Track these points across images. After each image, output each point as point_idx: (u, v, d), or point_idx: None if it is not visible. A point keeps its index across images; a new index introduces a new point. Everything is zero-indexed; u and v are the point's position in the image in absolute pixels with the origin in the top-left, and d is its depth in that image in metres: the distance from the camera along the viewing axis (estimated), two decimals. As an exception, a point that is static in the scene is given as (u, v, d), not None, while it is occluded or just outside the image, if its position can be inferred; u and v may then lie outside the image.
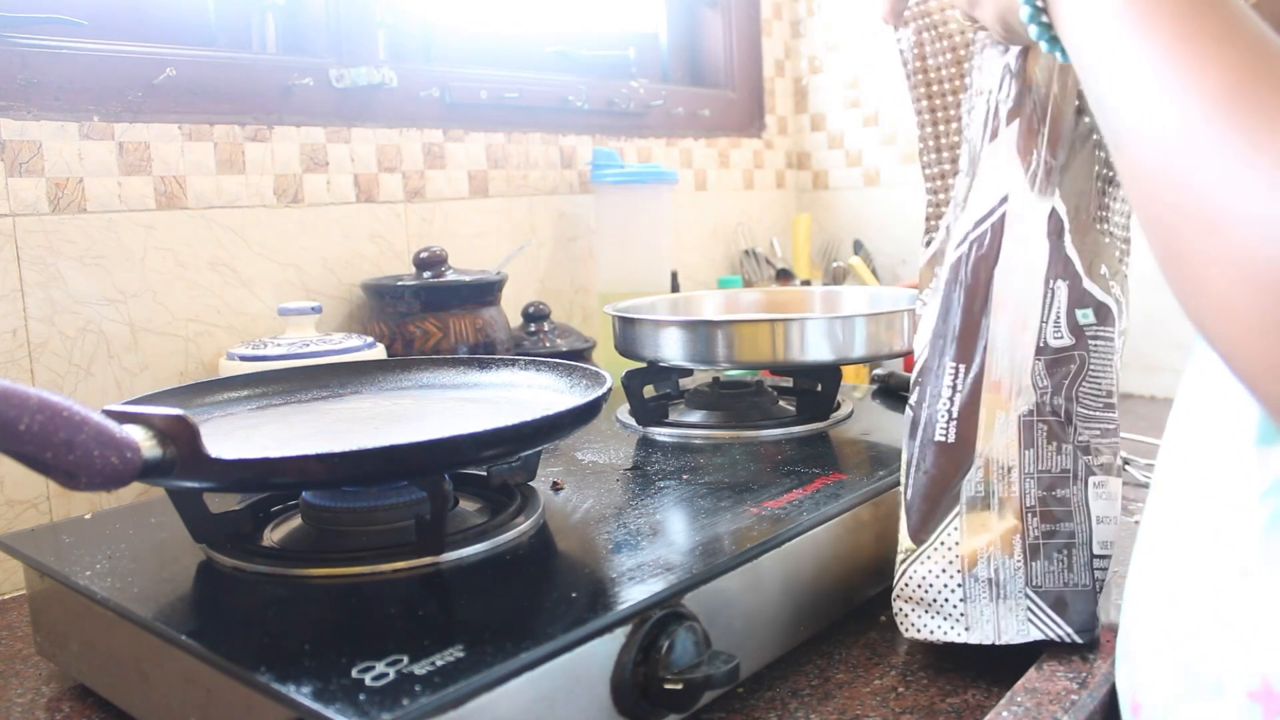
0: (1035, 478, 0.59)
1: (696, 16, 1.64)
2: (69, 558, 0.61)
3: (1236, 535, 0.42)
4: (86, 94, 0.89)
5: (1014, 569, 0.58)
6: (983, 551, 0.59)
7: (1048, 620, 0.58)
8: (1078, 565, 0.59)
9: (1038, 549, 0.59)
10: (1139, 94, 0.39)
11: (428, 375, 0.80)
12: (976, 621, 0.59)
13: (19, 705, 0.61)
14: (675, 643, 0.51)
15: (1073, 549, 0.59)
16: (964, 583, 0.59)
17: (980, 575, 0.59)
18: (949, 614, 0.59)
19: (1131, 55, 0.39)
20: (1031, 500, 0.59)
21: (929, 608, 0.60)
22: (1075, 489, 0.59)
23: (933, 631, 0.60)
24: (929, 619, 0.60)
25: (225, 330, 0.97)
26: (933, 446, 0.61)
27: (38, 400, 0.42)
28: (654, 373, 0.93)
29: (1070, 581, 0.58)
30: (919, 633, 0.60)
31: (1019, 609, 0.58)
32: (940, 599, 0.60)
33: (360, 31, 1.10)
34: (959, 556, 0.59)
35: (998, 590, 0.58)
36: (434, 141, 1.16)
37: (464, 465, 0.66)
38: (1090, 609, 0.58)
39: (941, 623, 0.60)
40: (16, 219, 0.84)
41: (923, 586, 0.60)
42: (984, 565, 0.59)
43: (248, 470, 0.52)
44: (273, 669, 0.45)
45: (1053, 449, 0.59)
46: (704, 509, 0.65)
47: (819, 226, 1.72)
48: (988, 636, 0.59)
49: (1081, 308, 0.59)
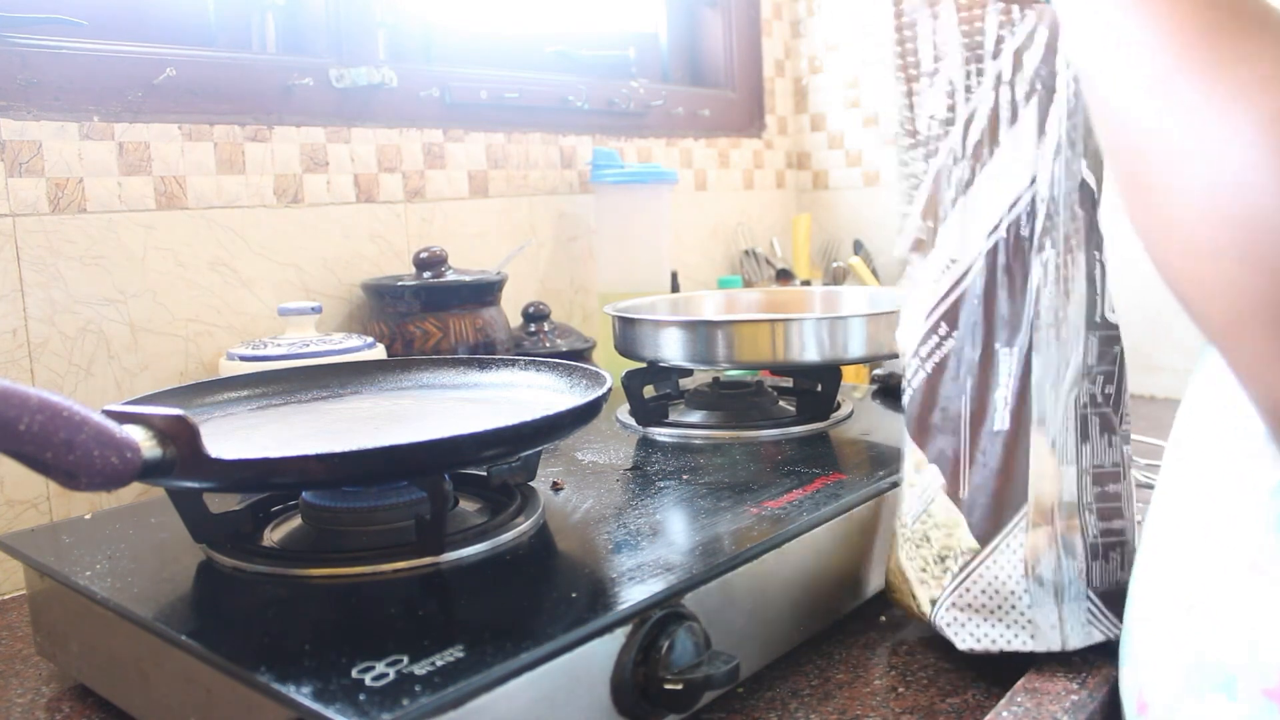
0: (1090, 473, 0.57)
1: (696, 16, 1.64)
2: (69, 558, 0.61)
3: (1247, 532, 0.42)
4: (86, 94, 0.89)
5: (1077, 570, 0.56)
6: (1045, 552, 0.56)
7: (1106, 621, 0.56)
8: (1129, 563, 0.57)
9: (1098, 548, 0.56)
10: (1111, 31, 0.39)
11: (428, 375, 0.80)
12: (1041, 628, 0.56)
13: (19, 705, 0.61)
14: (675, 643, 0.51)
15: (1124, 546, 0.57)
16: (1030, 588, 0.56)
17: (1045, 578, 0.55)
18: (1014, 620, 0.56)
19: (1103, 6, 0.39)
20: (1089, 497, 0.57)
21: (992, 614, 0.57)
22: (1124, 484, 0.58)
23: (994, 640, 0.57)
24: (990, 627, 0.57)
25: (225, 330, 0.97)
26: (994, 438, 0.57)
27: (38, 400, 0.42)
28: (654, 373, 0.93)
29: (1123, 580, 0.57)
30: (978, 643, 0.57)
31: (1080, 611, 0.56)
32: (1007, 605, 0.56)
33: (360, 31, 1.10)
34: (1024, 559, 0.56)
35: (1060, 594, 0.56)
36: (434, 141, 1.16)
37: (464, 465, 0.66)
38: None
39: (1004, 631, 0.57)
40: (16, 219, 0.84)
41: (987, 592, 0.57)
42: (1046, 567, 0.56)
43: (248, 470, 0.52)
44: (273, 669, 0.45)
45: (1105, 442, 0.57)
46: (704, 509, 0.65)
47: (819, 226, 1.72)
48: (1054, 644, 0.56)
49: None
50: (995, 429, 0.57)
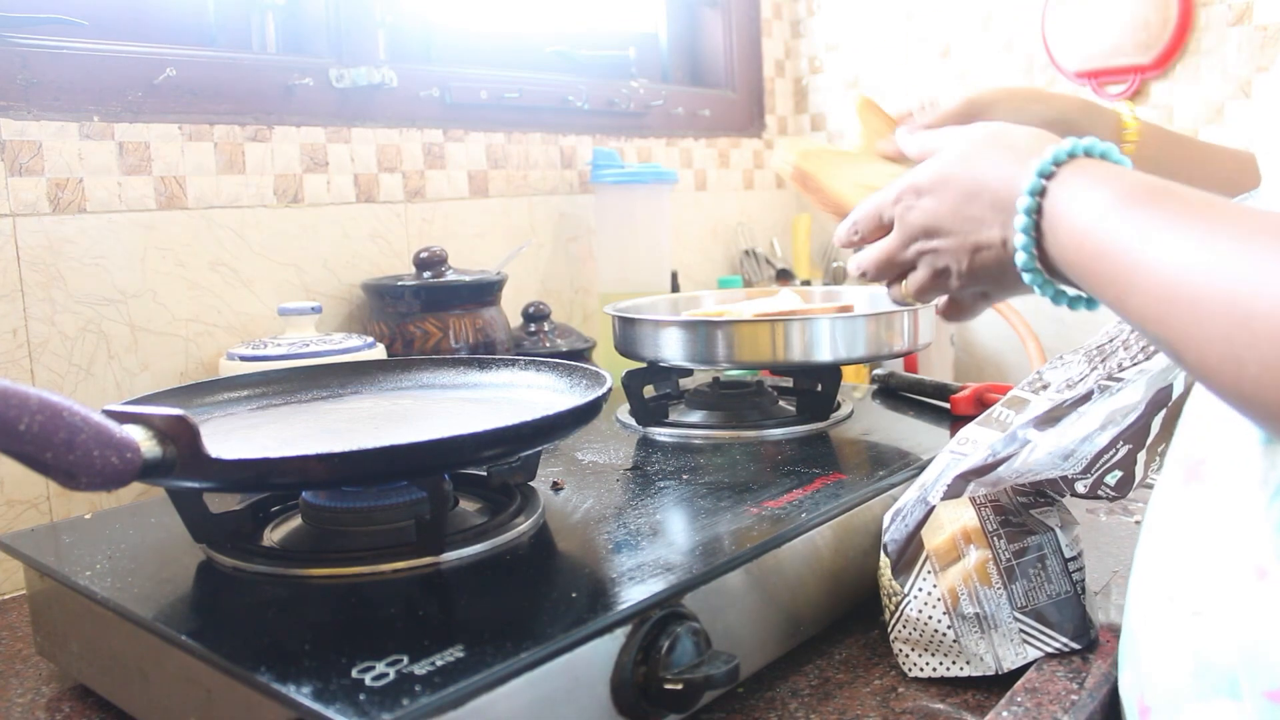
0: (989, 506, 0.59)
1: (696, 16, 1.64)
2: (69, 558, 0.61)
3: (1249, 537, 0.42)
4: (86, 94, 0.89)
5: (997, 598, 0.58)
6: (961, 588, 0.59)
7: (1042, 636, 0.58)
8: (1054, 574, 0.59)
9: (1013, 570, 0.59)
10: (1160, 249, 0.42)
11: (428, 375, 0.80)
12: (974, 656, 0.59)
13: (19, 705, 0.61)
14: (675, 643, 0.51)
15: (1045, 560, 0.59)
16: (953, 624, 0.59)
17: (966, 612, 0.59)
18: (948, 652, 0.59)
19: (1150, 227, 0.43)
20: (993, 525, 0.59)
21: (927, 649, 0.60)
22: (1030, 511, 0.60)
23: (935, 669, 0.60)
24: (930, 658, 0.60)
25: (225, 330, 0.97)
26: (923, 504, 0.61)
27: (38, 400, 0.42)
28: (654, 373, 0.93)
29: (1051, 593, 0.59)
30: (921, 671, 0.60)
31: (1012, 634, 0.58)
32: (937, 640, 0.59)
33: (360, 31, 1.10)
34: (941, 598, 0.59)
35: (987, 622, 0.58)
36: (434, 141, 1.16)
37: (464, 465, 0.66)
38: (1079, 613, 0.59)
39: (943, 660, 0.60)
40: (16, 219, 0.84)
41: (918, 629, 0.60)
42: (967, 601, 0.59)
43: (248, 470, 0.52)
44: (273, 669, 0.45)
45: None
46: (704, 509, 0.65)
47: (819, 226, 1.72)
48: (989, 668, 0.58)
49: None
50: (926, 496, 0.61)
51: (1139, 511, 0.86)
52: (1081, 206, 0.47)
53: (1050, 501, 0.61)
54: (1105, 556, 0.76)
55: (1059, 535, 0.59)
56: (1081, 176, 0.48)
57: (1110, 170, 0.48)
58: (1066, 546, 0.60)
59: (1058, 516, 0.60)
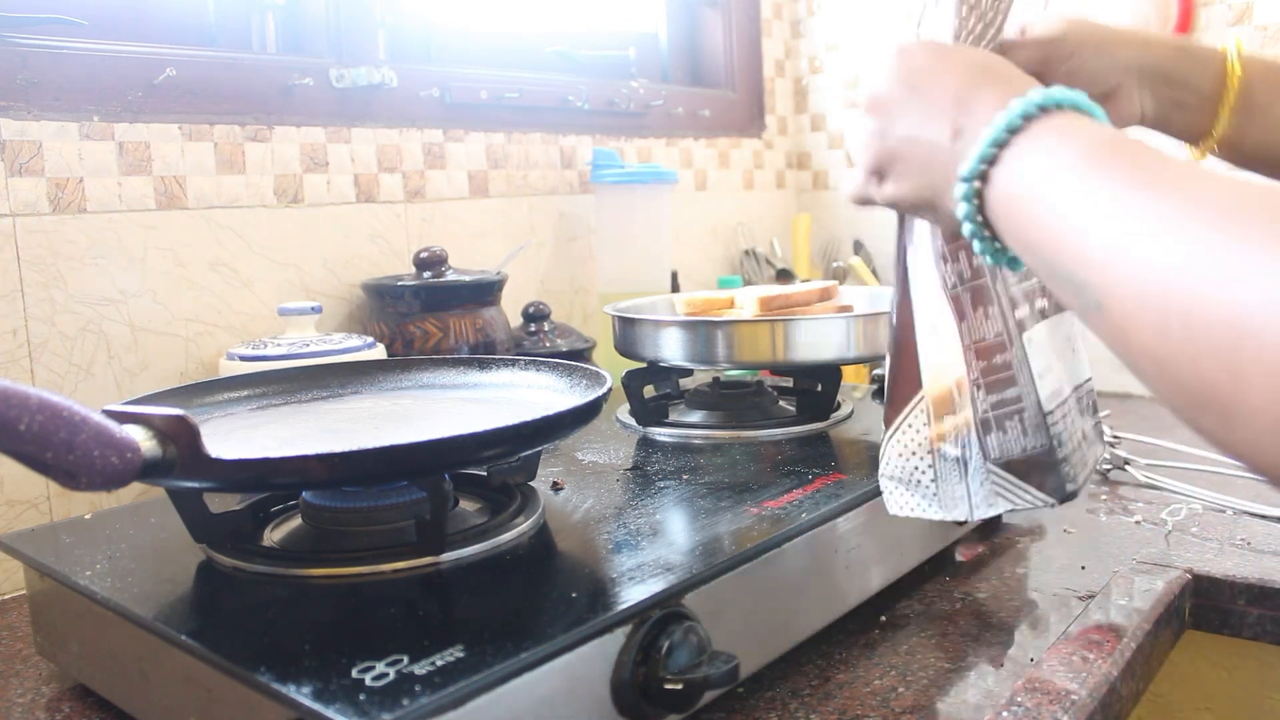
0: (973, 349, 0.59)
1: (696, 16, 1.64)
2: (69, 558, 0.61)
3: None
4: (86, 94, 0.89)
5: (974, 446, 0.59)
6: (949, 431, 0.59)
7: (1016, 489, 0.58)
8: (1031, 427, 0.58)
9: (988, 422, 0.59)
10: (1126, 233, 0.38)
11: (428, 375, 0.80)
12: (949, 499, 0.59)
13: (19, 705, 0.61)
14: (675, 643, 0.51)
15: (1023, 413, 0.58)
16: (934, 463, 0.59)
17: (949, 454, 0.59)
18: (925, 492, 0.60)
19: (1111, 198, 0.39)
20: (975, 373, 0.59)
21: (908, 485, 0.61)
22: (1011, 352, 0.59)
23: (914, 509, 0.61)
24: (910, 496, 0.61)
25: (225, 330, 0.97)
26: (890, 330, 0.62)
27: (38, 400, 0.42)
28: (654, 373, 0.93)
29: (1028, 447, 0.58)
30: (901, 509, 0.61)
31: (984, 484, 0.59)
32: (916, 477, 0.60)
33: (360, 31, 1.10)
34: (928, 438, 0.60)
35: (965, 467, 0.59)
36: (434, 141, 1.16)
37: (464, 465, 0.66)
38: (1056, 469, 0.58)
39: (920, 500, 0.61)
40: (16, 219, 0.84)
41: (903, 466, 0.61)
42: (951, 444, 0.59)
43: (248, 470, 0.52)
44: (273, 669, 0.45)
45: (981, 314, 0.59)
46: (704, 509, 0.65)
47: (819, 226, 1.72)
48: (963, 513, 0.59)
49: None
50: (892, 322, 0.63)
51: (1139, 512, 0.86)
52: (1031, 170, 0.44)
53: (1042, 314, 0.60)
54: (1105, 557, 0.76)
55: (1038, 385, 0.58)
56: (1040, 139, 0.44)
57: (1072, 127, 0.44)
58: (1047, 399, 0.58)
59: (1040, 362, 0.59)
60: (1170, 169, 0.39)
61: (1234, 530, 0.81)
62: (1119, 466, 0.97)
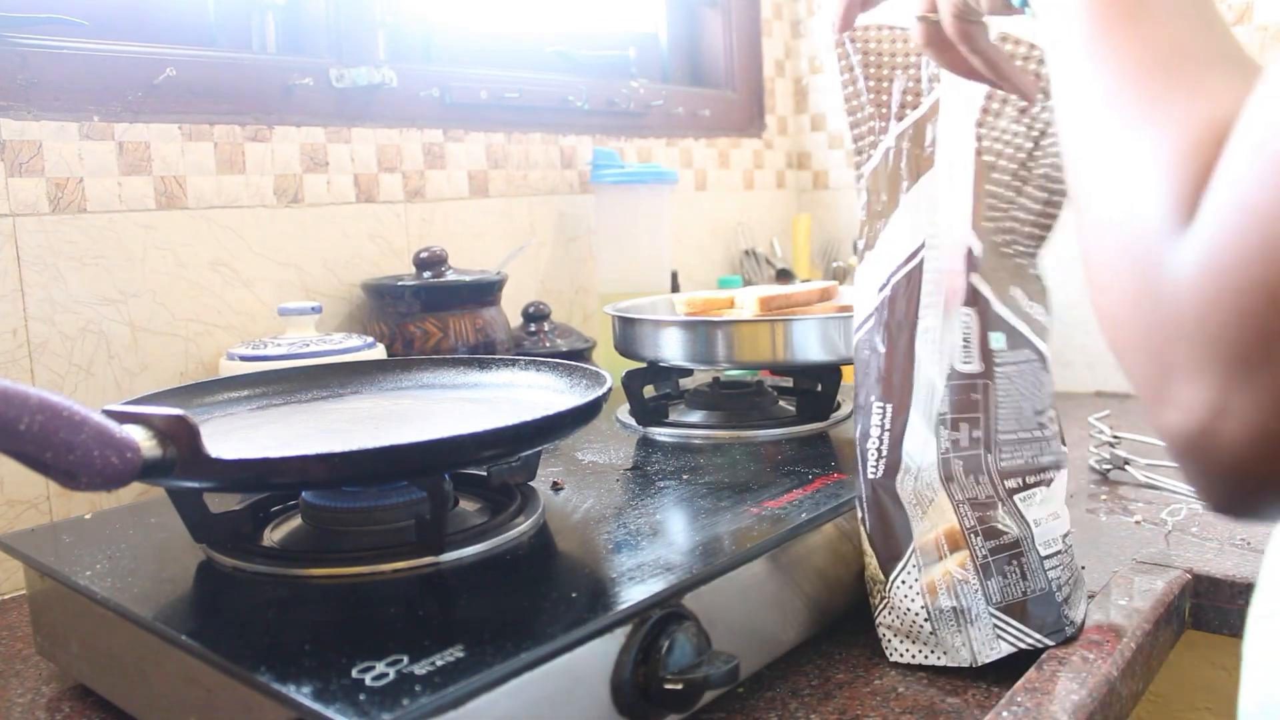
0: (966, 504, 0.60)
1: (696, 16, 1.64)
2: (69, 558, 0.61)
3: None
4: (86, 94, 0.89)
5: (973, 592, 0.59)
6: (940, 582, 0.60)
7: (1016, 632, 0.59)
8: (1030, 571, 0.60)
9: (989, 567, 0.60)
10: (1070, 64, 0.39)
11: (428, 375, 0.80)
12: (950, 648, 0.60)
13: (19, 705, 0.61)
14: (675, 643, 0.51)
15: (1021, 557, 0.60)
16: (931, 615, 0.60)
17: (944, 605, 0.60)
18: (926, 641, 0.61)
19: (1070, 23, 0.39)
20: (970, 522, 0.60)
21: (907, 636, 0.61)
22: (1005, 509, 0.61)
23: (914, 656, 0.61)
24: (910, 645, 0.61)
25: (225, 330, 0.97)
26: (870, 485, 0.63)
27: (38, 400, 0.42)
28: (654, 373, 0.93)
29: (1027, 589, 0.60)
30: (901, 657, 0.61)
31: (987, 629, 0.59)
32: (916, 628, 0.61)
33: (360, 31, 1.10)
34: (923, 590, 0.60)
35: (963, 616, 0.60)
36: (434, 141, 1.16)
37: (464, 465, 0.66)
38: (1054, 609, 0.59)
39: (921, 649, 0.61)
40: (16, 219, 0.84)
41: (900, 617, 0.61)
42: (945, 595, 0.60)
43: (248, 470, 0.52)
44: (273, 669, 0.45)
45: (971, 480, 0.61)
46: (704, 509, 0.65)
47: (819, 226, 1.72)
48: (965, 660, 0.60)
49: (994, 331, 0.61)
50: (869, 476, 0.63)
51: (1139, 511, 0.86)
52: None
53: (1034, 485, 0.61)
54: (1105, 556, 0.76)
55: (1035, 533, 0.60)
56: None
57: None
58: (1043, 545, 0.60)
59: (1036, 512, 0.61)
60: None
61: (1234, 530, 0.81)
62: (1119, 466, 0.97)
